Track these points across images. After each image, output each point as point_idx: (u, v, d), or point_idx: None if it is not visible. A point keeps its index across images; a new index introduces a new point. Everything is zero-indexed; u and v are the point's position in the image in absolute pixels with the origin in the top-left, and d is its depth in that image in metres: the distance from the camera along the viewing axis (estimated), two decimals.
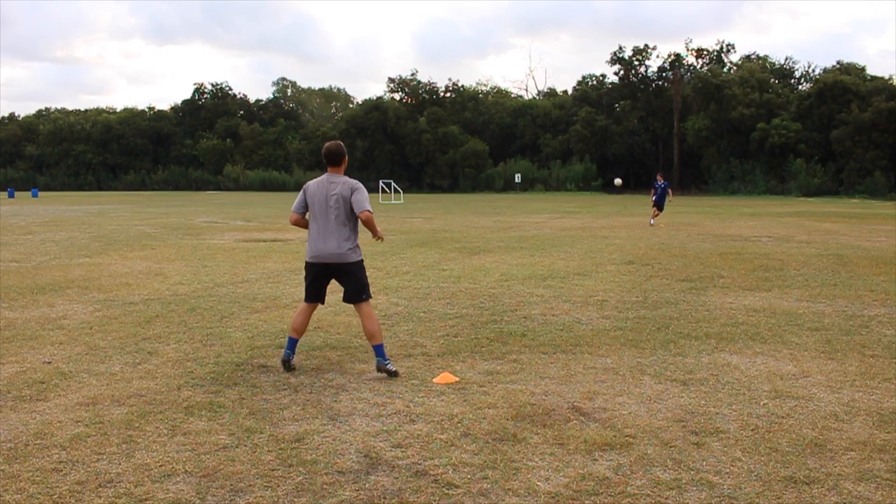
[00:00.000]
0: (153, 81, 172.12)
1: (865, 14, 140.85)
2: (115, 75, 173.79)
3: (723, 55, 70.50)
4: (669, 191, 23.12)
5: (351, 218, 5.52)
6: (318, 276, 5.64)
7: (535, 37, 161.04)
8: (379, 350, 5.49)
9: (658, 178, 23.21)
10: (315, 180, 5.68)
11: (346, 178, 5.58)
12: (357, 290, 5.56)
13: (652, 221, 22.60)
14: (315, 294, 5.71)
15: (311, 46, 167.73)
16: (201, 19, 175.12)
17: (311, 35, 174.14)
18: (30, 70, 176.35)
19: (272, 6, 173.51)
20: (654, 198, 22.88)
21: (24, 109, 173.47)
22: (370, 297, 5.64)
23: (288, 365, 5.57)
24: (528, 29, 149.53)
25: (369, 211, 5.48)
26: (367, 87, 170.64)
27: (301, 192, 5.69)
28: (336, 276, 5.61)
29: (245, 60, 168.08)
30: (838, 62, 63.79)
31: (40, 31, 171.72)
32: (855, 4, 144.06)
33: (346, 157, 5.69)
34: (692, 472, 3.71)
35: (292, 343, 5.66)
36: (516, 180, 69.01)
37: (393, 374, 5.41)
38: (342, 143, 5.72)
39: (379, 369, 5.45)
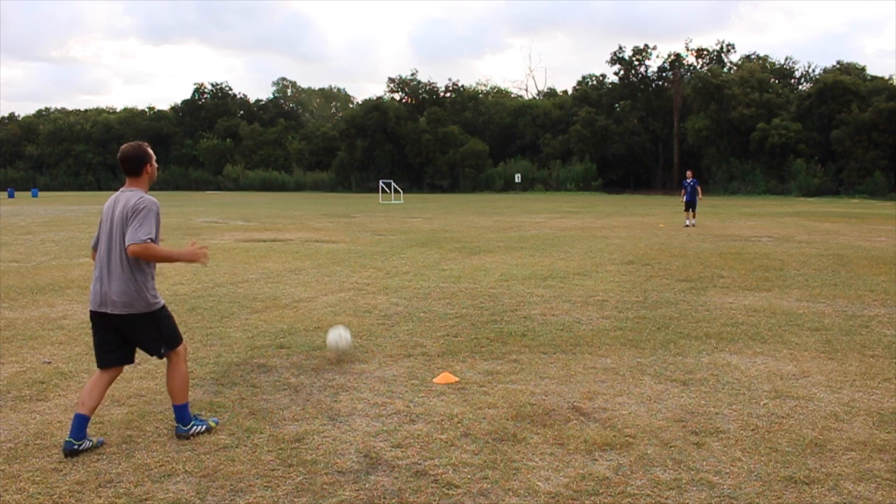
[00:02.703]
0: (150, 81, 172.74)
1: (863, 14, 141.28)
2: (111, 75, 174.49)
3: (723, 55, 70.57)
4: (699, 188, 22.41)
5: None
6: (102, 330, 4.07)
7: (532, 36, 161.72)
8: (179, 412, 4.16)
9: (688, 175, 22.34)
10: (112, 196, 4.19)
11: (137, 195, 4.02)
12: (151, 347, 4.13)
13: (687, 223, 21.81)
14: (109, 355, 4.09)
15: (308, 46, 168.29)
16: (196, 19, 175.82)
17: (307, 35, 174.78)
18: (25, 70, 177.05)
19: (267, 6, 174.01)
20: (685, 198, 22.10)
21: (20, 109, 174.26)
22: (176, 346, 4.19)
23: (75, 453, 3.88)
24: (524, 28, 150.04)
25: (139, 243, 3.87)
26: (364, 87, 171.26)
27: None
28: (122, 330, 4.06)
29: (241, 60, 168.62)
30: (838, 62, 63.86)
31: (35, 31, 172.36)
32: (852, 4, 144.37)
33: (151, 165, 4.17)
34: (692, 472, 3.71)
35: (80, 423, 3.93)
36: (516, 180, 69.00)
37: (191, 435, 4.13)
38: (144, 146, 4.17)
39: (178, 436, 4.13)
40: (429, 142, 72.43)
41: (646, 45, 71.26)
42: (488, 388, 5.12)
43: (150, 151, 4.20)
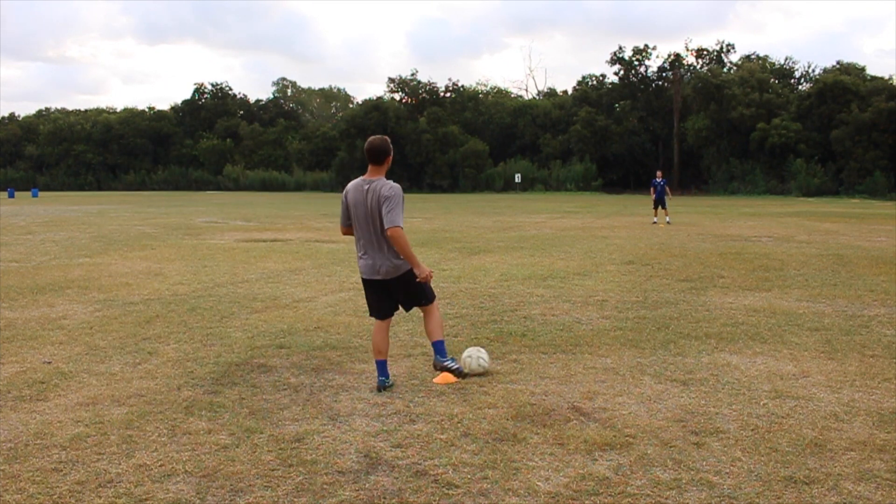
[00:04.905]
0: (147, 81, 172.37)
1: (862, 14, 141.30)
2: (108, 75, 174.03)
3: (722, 55, 70.48)
4: (668, 188, 23.29)
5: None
6: (376, 292, 5.20)
7: (529, 36, 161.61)
8: (437, 346, 5.39)
9: (657, 175, 23.35)
10: (353, 183, 5.13)
11: (382, 181, 4.97)
12: (415, 301, 5.26)
13: (655, 220, 22.84)
14: (383, 310, 5.25)
15: (305, 46, 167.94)
16: (193, 19, 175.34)
17: (304, 34, 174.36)
18: (23, 70, 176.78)
19: (263, 5, 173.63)
20: (654, 196, 23.02)
21: (19, 109, 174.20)
22: (432, 300, 5.29)
23: (387, 388, 5.09)
24: (521, 28, 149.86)
25: (399, 226, 4.85)
26: (362, 86, 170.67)
27: (342, 200, 5.17)
28: (392, 289, 5.17)
29: (239, 60, 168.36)
30: (838, 62, 63.75)
31: (31, 31, 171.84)
32: (851, 4, 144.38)
33: (390, 157, 5.03)
34: (692, 472, 3.71)
35: (382, 366, 5.15)
36: (516, 180, 68.97)
37: (445, 367, 5.30)
38: (388, 140, 5.10)
39: (434, 365, 5.43)
40: (429, 142, 72.39)
41: (646, 46, 71.18)
42: (488, 388, 5.12)
43: (391, 146, 5.09)
